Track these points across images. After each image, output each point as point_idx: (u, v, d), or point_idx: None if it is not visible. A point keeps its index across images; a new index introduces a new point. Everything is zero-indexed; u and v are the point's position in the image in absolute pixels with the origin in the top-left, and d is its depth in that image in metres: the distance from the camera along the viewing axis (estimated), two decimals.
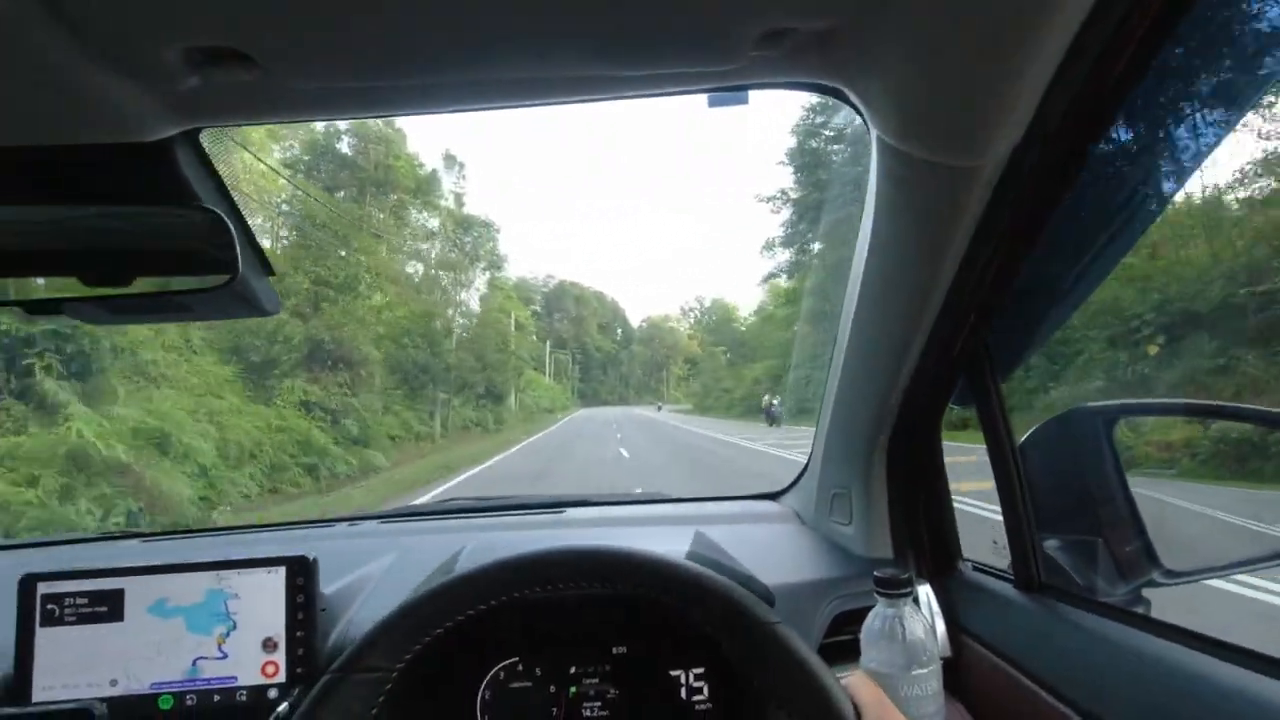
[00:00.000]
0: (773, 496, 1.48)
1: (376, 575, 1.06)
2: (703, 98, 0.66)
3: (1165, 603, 0.89)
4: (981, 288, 0.76)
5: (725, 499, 1.53)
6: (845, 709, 0.58)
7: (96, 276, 0.69)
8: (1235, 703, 0.56)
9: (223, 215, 0.64)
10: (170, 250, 0.72)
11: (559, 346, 73.84)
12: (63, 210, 0.67)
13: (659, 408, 64.37)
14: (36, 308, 0.71)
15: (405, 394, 20.06)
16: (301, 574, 0.87)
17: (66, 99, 0.52)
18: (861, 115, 0.66)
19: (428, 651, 0.64)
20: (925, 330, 0.83)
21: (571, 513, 1.41)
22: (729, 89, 0.62)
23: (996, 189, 0.63)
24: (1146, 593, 0.93)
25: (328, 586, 0.96)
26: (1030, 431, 0.98)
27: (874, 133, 0.65)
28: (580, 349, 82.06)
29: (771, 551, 1.18)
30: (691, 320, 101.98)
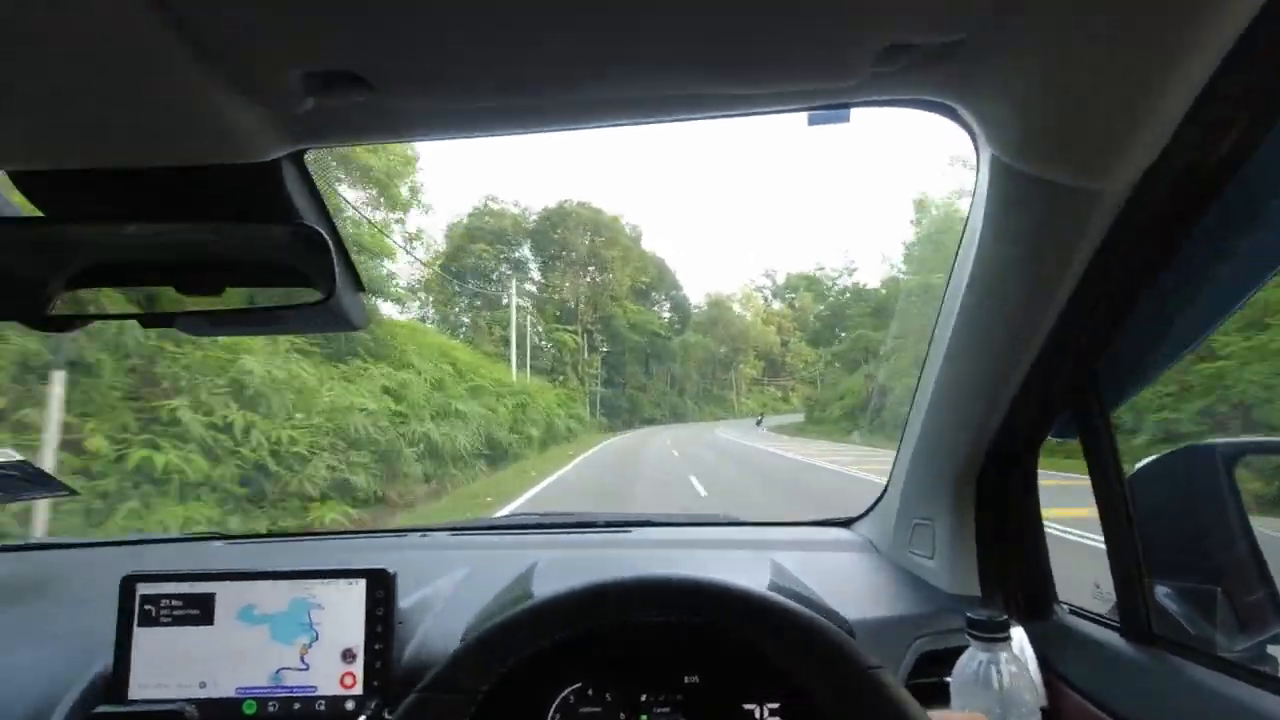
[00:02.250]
0: (845, 524, 1.43)
1: (449, 589, 1.07)
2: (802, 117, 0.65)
3: None
4: (1095, 317, 0.71)
5: (795, 524, 1.48)
6: None
7: (204, 290, 0.72)
8: None
9: (324, 234, 0.65)
10: (271, 266, 0.74)
11: (561, 321, 42.91)
12: (177, 228, 0.69)
13: (759, 422, 46.82)
14: (152, 321, 0.75)
15: None
16: (381, 587, 0.88)
17: (189, 122, 0.54)
18: (971, 133, 0.63)
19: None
20: (1030, 358, 0.78)
21: (638, 533, 1.40)
22: (835, 106, 0.60)
23: (1122, 213, 0.59)
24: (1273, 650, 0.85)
25: (403, 599, 0.97)
26: (1139, 466, 0.92)
27: (985, 152, 0.62)
28: (604, 327, 46.52)
29: (848, 582, 1.13)
30: (766, 300, 78.30)
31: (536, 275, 46.80)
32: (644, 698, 0.94)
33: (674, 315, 64.64)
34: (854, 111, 0.64)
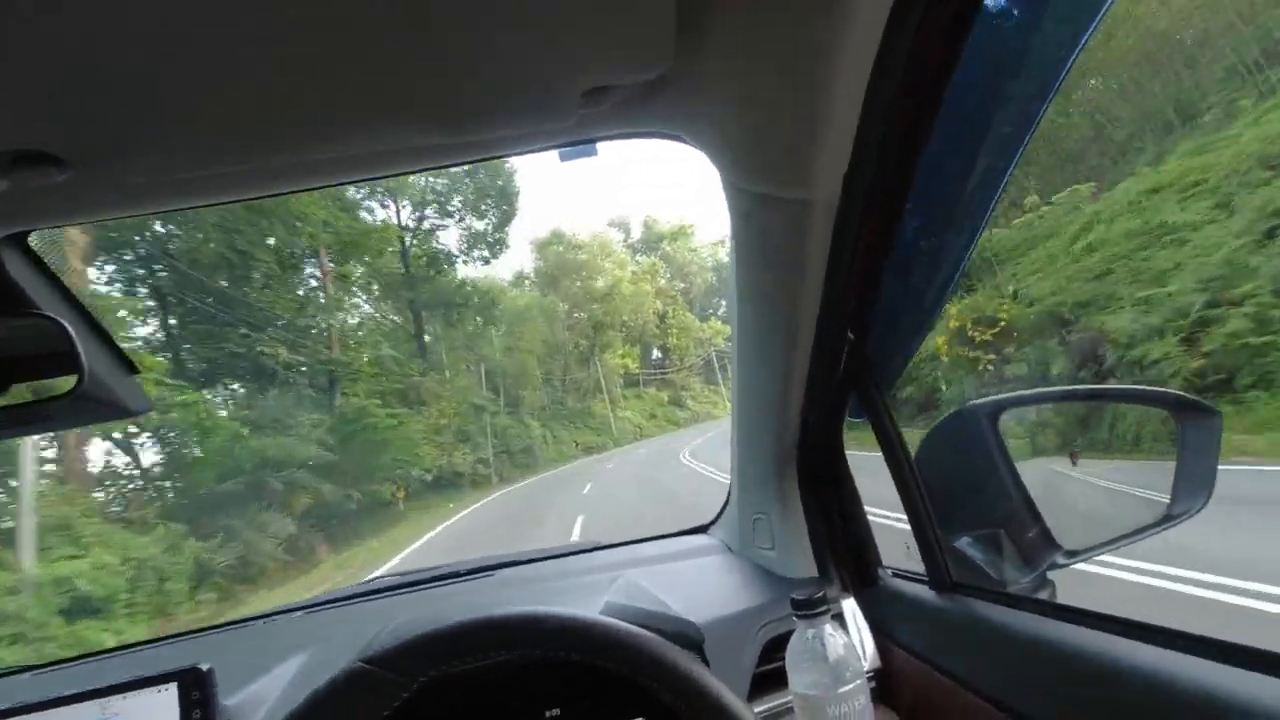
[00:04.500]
0: (703, 529, 1.49)
1: (288, 675, 0.99)
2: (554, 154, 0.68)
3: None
4: (850, 306, 0.79)
5: (658, 538, 1.52)
6: None
7: None
8: (1143, 679, 0.57)
9: (59, 319, 0.60)
10: (11, 360, 0.68)
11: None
12: None
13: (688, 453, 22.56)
14: None
15: None
16: (196, 688, 0.81)
17: None
18: (707, 158, 0.68)
19: None
20: (806, 353, 0.85)
21: (503, 574, 1.37)
22: (572, 144, 0.64)
23: (839, 216, 0.67)
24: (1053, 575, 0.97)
25: (230, 697, 0.89)
26: (926, 435, 1.02)
27: (718, 174, 0.68)
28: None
29: (702, 586, 1.17)
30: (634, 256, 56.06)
31: None
32: None
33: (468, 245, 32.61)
34: None
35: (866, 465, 1.02)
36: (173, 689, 0.81)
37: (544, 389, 40.15)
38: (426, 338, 32.32)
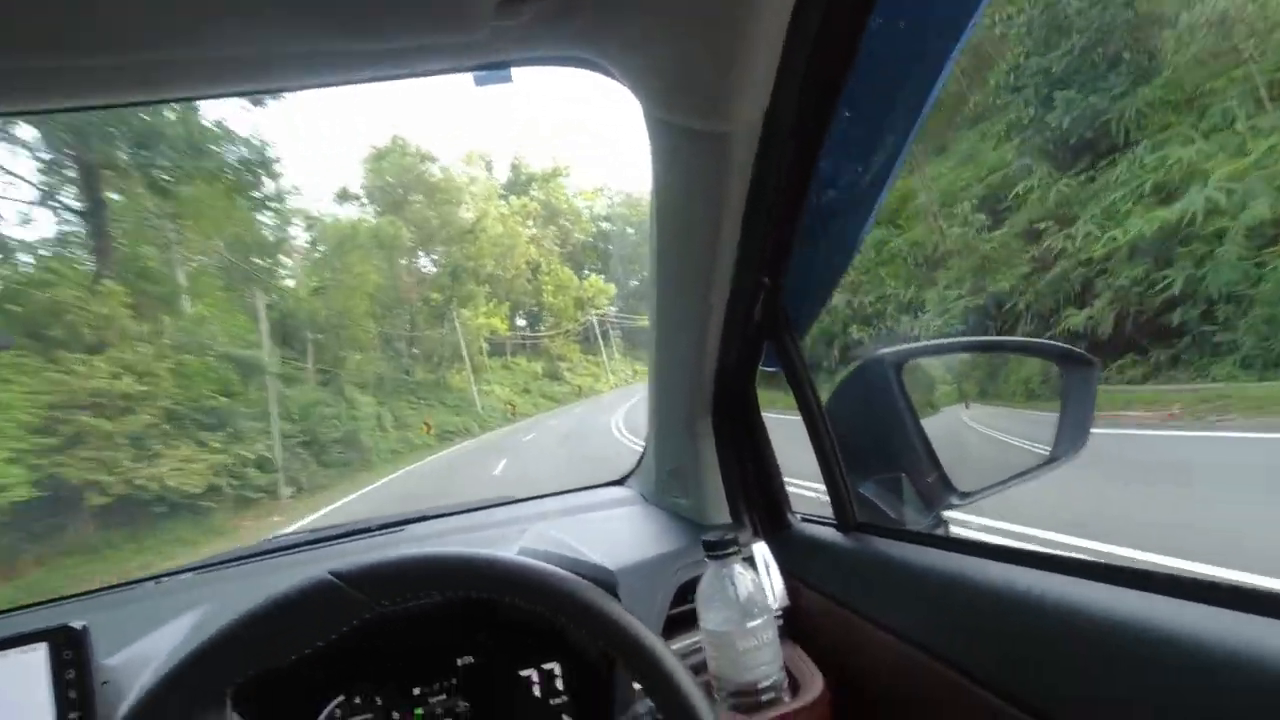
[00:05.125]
0: (620, 482, 1.50)
1: (179, 636, 0.94)
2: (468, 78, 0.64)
3: None
4: (766, 252, 0.80)
5: (573, 491, 1.52)
6: (666, 663, 0.58)
7: None
8: (1032, 602, 0.61)
9: None
10: None
11: None
12: None
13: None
14: None
15: None
16: (69, 647, 0.75)
17: None
18: (628, 89, 0.66)
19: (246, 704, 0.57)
20: (723, 300, 0.86)
21: (414, 529, 1.34)
22: (482, 67, 0.60)
23: (759, 153, 0.66)
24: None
25: (113, 657, 0.84)
26: (836, 385, 1.05)
27: (640, 106, 0.66)
28: None
29: (617, 535, 1.18)
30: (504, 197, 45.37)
31: None
32: (417, 691, 0.91)
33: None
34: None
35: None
36: (41, 649, 0.74)
37: (383, 352, 29.84)
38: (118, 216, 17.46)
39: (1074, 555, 0.63)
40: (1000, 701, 0.59)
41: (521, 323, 47.39)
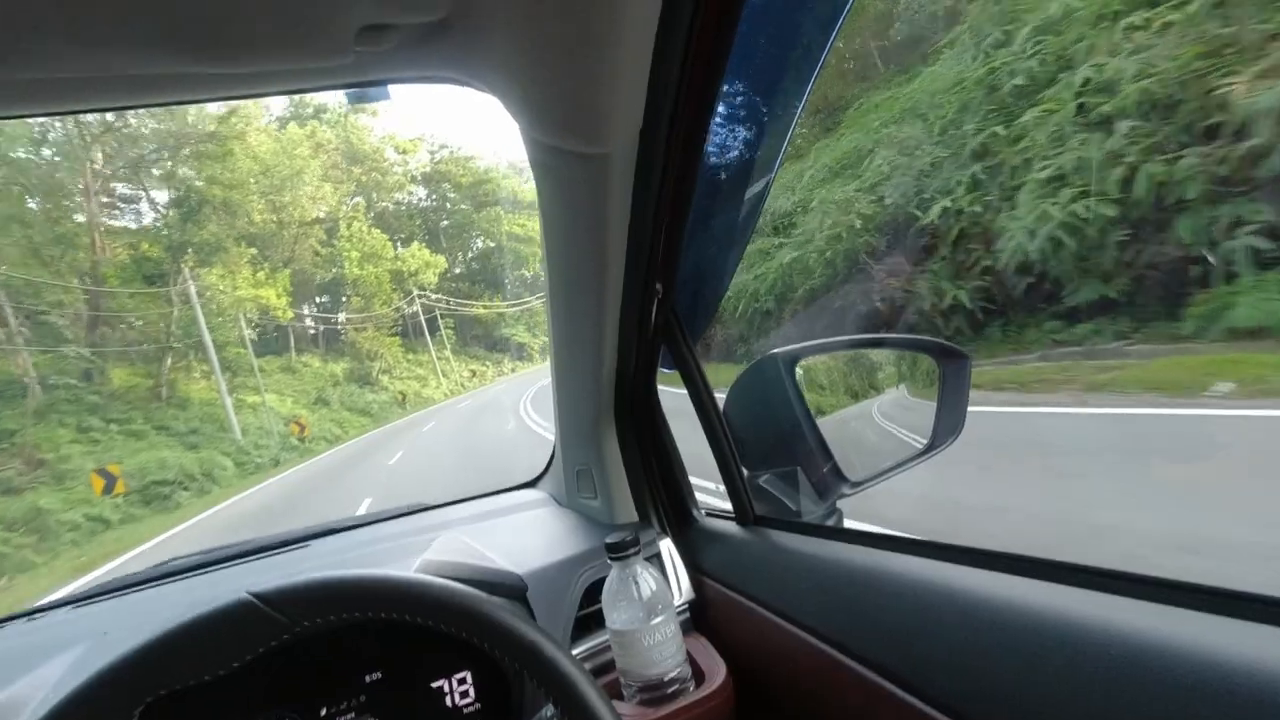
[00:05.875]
0: (531, 484, 1.50)
1: (53, 676, 0.87)
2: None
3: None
4: (655, 260, 0.82)
5: (484, 496, 1.50)
6: (561, 666, 0.59)
7: None
8: (920, 588, 0.65)
9: None
10: None
11: None
12: None
13: None
14: None
15: None
16: None
17: None
18: (505, 109, 0.67)
19: None
20: (616, 307, 0.88)
21: (318, 544, 1.29)
22: (354, 85, 0.60)
23: (637, 172, 0.68)
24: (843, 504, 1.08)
25: None
26: (732, 383, 1.09)
27: (519, 128, 0.66)
28: None
29: (527, 539, 1.18)
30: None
31: None
32: (324, 711, 0.89)
33: None
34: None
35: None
36: None
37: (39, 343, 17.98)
38: None
39: (959, 544, 0.68)
40: (891, 686, 0.63)
41: (321, 303, 33.78)
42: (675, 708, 0.85)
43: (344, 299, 34.32)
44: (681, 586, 1.04)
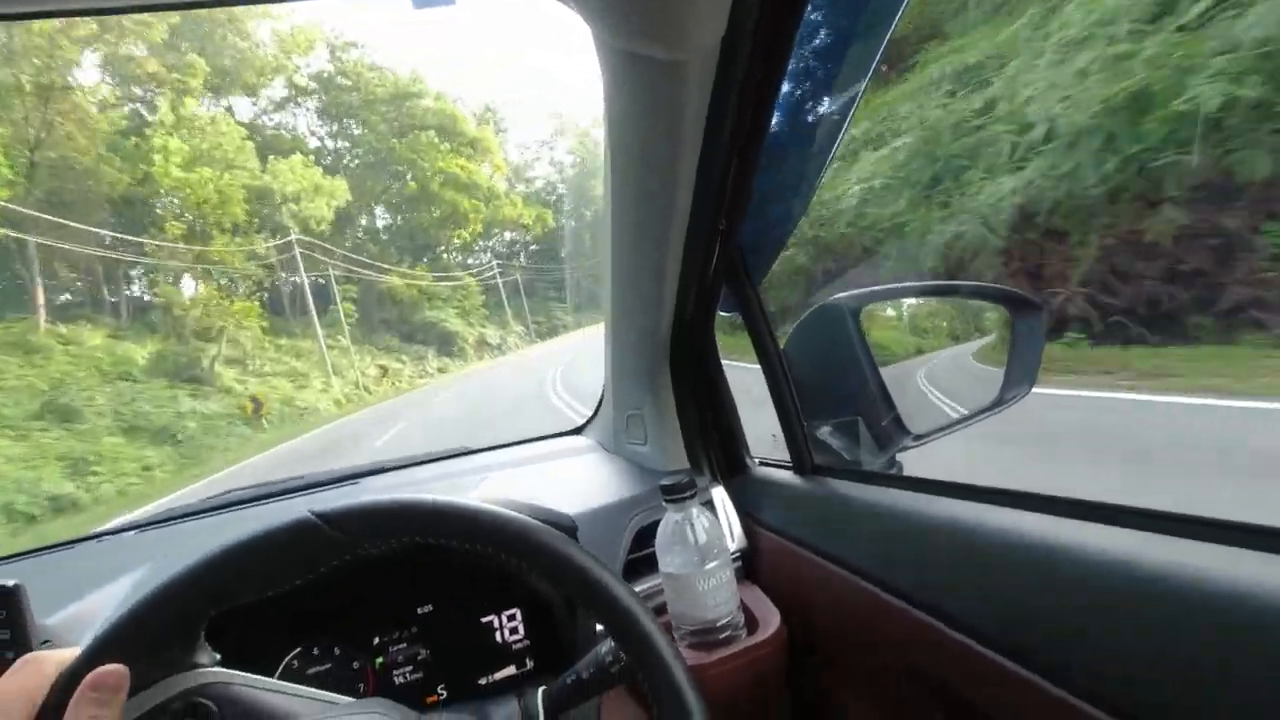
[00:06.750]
0: (578, 431, 1.49)
1: (118, 594, 0.91)
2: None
3: None
4: (724, 191, 0.78)
5: (530, 441, 1.51)
6: (627, 603, 0.58)
7: None
8: (985, 536, 0.62)
9: None
10: None
11: None
12: None
13: None
14: None
15: None
16: (3, 605, 0.71)
17: None
18: (577, 13, 0.62)
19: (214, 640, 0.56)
20: (679, 243, 0.84)
21: (368, 482, 1.31)
22: None
23: (715, 85, 0.63)
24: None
25: (52, 615, 0.80)
26: (793, 329, 1.05)
27: (592, 34, 0.62)
28: None
29: (574, 483, 1.18)
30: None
31: None
32: (377, 640, 0.90)
33: None
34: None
35: None
36: None
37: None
38: None
39: (1017, 489, 0.65)
40: (946, 628, 0.61)
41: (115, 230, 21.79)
42: (728, 653, 0.85)
43: (155, 225, 20.77)
44: (734, 534, 1.02)
